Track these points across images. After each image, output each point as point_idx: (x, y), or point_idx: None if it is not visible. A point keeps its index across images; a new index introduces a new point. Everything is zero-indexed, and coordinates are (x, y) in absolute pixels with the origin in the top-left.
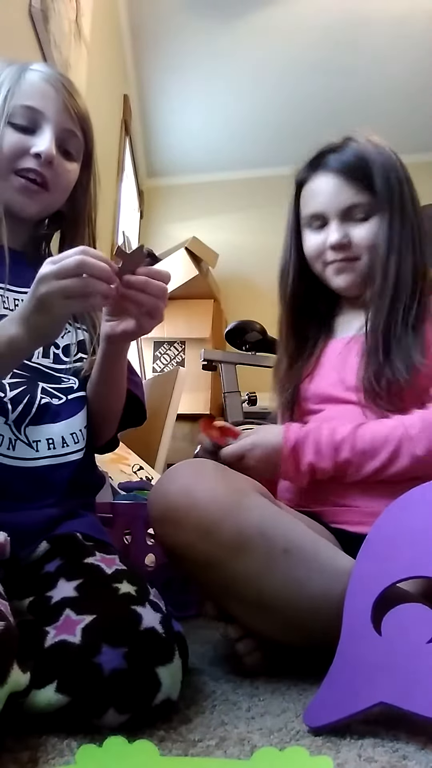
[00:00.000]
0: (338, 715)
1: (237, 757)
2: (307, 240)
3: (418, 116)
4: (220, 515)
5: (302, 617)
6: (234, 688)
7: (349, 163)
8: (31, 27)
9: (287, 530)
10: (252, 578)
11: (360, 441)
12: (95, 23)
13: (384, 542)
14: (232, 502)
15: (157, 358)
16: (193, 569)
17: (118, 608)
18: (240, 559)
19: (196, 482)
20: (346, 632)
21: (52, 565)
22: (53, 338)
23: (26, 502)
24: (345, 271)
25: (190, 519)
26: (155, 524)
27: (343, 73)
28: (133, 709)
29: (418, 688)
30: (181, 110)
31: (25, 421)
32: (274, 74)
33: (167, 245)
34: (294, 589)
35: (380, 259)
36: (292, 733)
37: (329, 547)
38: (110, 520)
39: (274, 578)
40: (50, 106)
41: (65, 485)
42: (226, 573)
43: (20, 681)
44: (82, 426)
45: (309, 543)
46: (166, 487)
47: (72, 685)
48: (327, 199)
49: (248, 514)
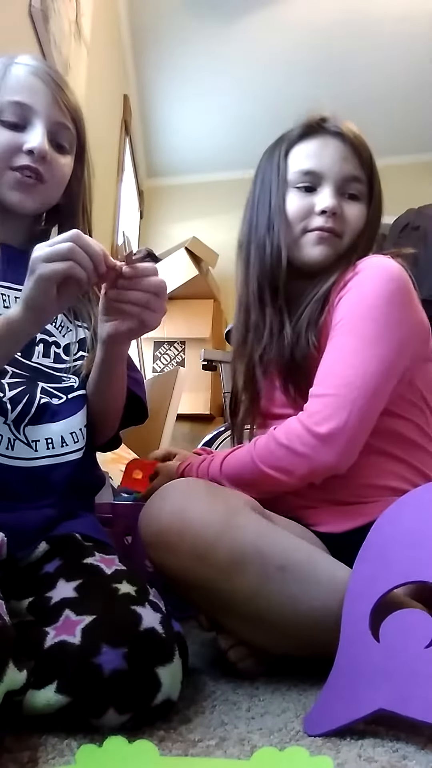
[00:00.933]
0: (338, 723)
1: (237, 757)
2: (291, 200)
3: (418, 116)
4: (214, 537)
5: (302, 631)
6: (234, 688)
7: (354, 136)
8: (31, 27)
9: (282, 547)
10: (249, 597)
11: (225, 470)
12: (95, 23)
13: (381, 547)
14: (226, 523)
15: (157, 358)
16: (188, 590)
17: (117, 608)
18: (236, 578)
19: (188, 504)
20: (344, 639)
21: (51, 565)
22: (44, 313)
23: (25, 502)
24: (327, 242)
25: (185, 543)
26: (148, 548)
27: (343, 73)
28: (133, 709)
29: (417, 694)
30: (181, 110)
31: (24, 421)
32: (274, 74)
33: (167, 245)
34: (292, 605)
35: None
36: (292, 733)
37: (326, 559)
38: (110, 521)
39: (271, 595)
40: (39, 100)
41: (64, 485)
42: (223, 593)
43: (16, 679)
44: (81, 425)
45: (305, 557)
46: (158, 510)
47: (72, 685)
48: (330, 161)
49: (242, 533)
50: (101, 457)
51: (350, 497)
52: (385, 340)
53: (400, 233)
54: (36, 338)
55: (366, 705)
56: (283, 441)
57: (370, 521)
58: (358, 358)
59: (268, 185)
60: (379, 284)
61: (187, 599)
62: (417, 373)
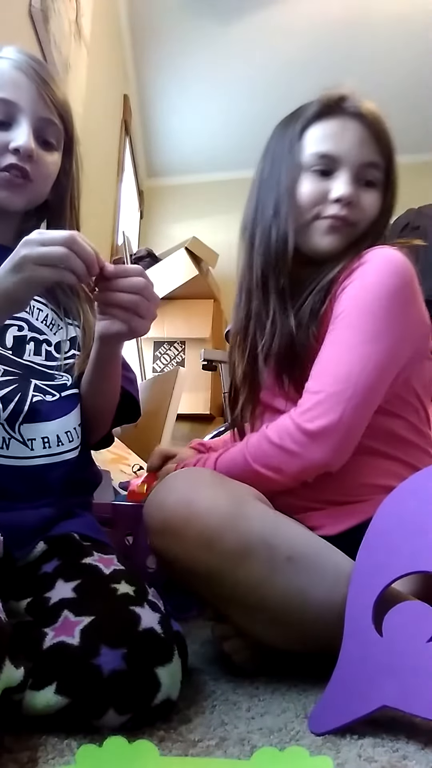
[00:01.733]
0: (342, 721)
1: (237, 757)
2: (304, 184)
3: (418, 116)
4: (221, 525)
5: (307, 624)
6: (234, 688)
7: (374, 118)
8: (31, 27)
9: (290, 537)
10: (255, 586)
11: (219, 469)
12: (95, 23)
13: (383, 536)
14: (233, 511)
15: (157, 358)
16: (194, 580)
17: (116, 609)
18: (242, 568)
19: (195, 492)
20: (348, 634)
21: (49, 565)
22: (22, 306)
23: (22, 501)
24: (339, 231)
25: (191, 530)
26: (154, 536)
27: (343, 73)
28: (133, 709)
29: (420, 691)
30: (181, 110)
31: (18, 420)
32: (273, 74)
33: (167, 245)
34: (298, 596)
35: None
36: (292, 733)
37: (333, 551)
38: (111, 521)
39: (277, 586)
40: (24, 96)
41: (61, 484)
42: (228, 582)
43: (13, 676)
44: (76, 424)
45: (312, 548)
46: (164, 498)
47: (71, 686)
48: (348, 145)
49: (250, 522)
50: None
51: (345, 497)
52: (385, 336)
53: (400, 233)
54: (27, 336)
55: (370, 702)
56: (275, 439)
57: (366, 519)
58: (355, 355)
59: (278, 165)
60: (383, 277)
61: (191, 589)
62: (413, 371)
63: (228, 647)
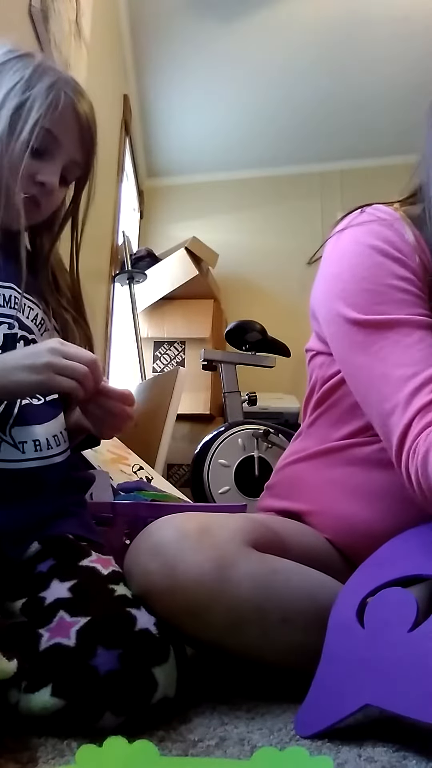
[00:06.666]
0: (326, 722)
1: (237, 757)
2: None
3: (418, 116)
4: (208, 597)
5: (312, 664)
6: (234, 688)
7: None
8: (31, 27)
9: (282, 598)
10: (251, 648)
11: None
12: (95, 23)
13: (385, 557)
14: (220, 580)
15: (157, 358)
16: (187, 642)
17: (112, 609)
18: (235, 635)
19: (178, 558)
20: (331, 629)
21: (44, 565)
22: (15, 399)
23: (15, 501)
24: None
25: (177, 602)
26: (140, 596)
27: (343, 73)
28: (130, 710)
29: (402, 688)
30: (181, 110)
31: (9, 422)
32: (274, 74)
33: (167, 245)
34: (299, 649)
35: None
36: (292, 733)
37: (331, 595)
38: (110, 521)
39: (275, 647)
40: (68, 138)
41: (54, 486)
42: (222, 646)
43: (7, 669)
44: (62, 428)
45: (308, 603)
46: (146, 563)
47: (67, 688)
48: None
49: (238, 590)
50: (102, 457)
51: None
52: None
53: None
54: (18, 335)
55: (352, 701)
56: None
57: None
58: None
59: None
60: None
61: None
62: None
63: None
